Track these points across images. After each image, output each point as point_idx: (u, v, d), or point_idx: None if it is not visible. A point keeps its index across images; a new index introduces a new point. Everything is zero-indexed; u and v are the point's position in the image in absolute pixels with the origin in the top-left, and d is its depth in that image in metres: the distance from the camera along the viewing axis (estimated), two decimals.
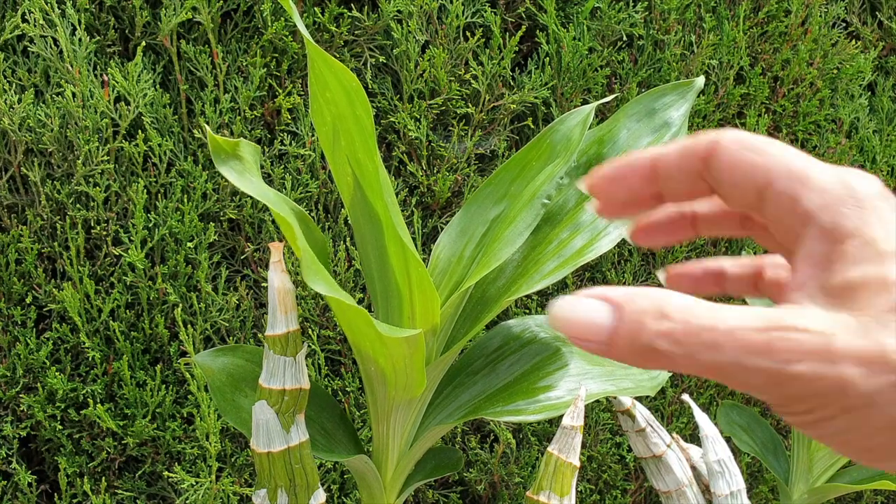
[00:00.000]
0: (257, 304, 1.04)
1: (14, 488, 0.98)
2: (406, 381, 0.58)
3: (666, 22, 1.18)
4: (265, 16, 0.98)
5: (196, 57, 0.98)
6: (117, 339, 0.97)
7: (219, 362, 0.65)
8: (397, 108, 1.07)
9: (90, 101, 0.93)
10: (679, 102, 0.67)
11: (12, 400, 0.97)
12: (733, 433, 1.06)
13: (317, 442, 0.64)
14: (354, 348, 0.60)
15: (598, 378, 0.67)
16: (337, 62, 0.50)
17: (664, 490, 0.80)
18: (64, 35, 0.92)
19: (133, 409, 0.98)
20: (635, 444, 0.79)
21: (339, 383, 1.06)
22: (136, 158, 0.97)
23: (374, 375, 0.59)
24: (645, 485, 1.29)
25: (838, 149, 1.34)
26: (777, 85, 1.31)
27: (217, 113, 0.99)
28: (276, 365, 0.57)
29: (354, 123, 0.53)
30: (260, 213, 1.02)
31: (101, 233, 0.97)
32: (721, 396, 1.33)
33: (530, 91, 1.10)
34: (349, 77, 0.51)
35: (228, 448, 1.02)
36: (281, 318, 0.56)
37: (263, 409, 0.57)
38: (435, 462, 0.70)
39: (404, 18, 1.05)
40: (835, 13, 1.32)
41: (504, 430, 1.14)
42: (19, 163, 0.96)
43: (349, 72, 0.51)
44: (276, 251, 0.57)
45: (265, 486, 0.59)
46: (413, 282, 0.57)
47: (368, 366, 0.59)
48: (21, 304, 0.97)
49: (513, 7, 1.13)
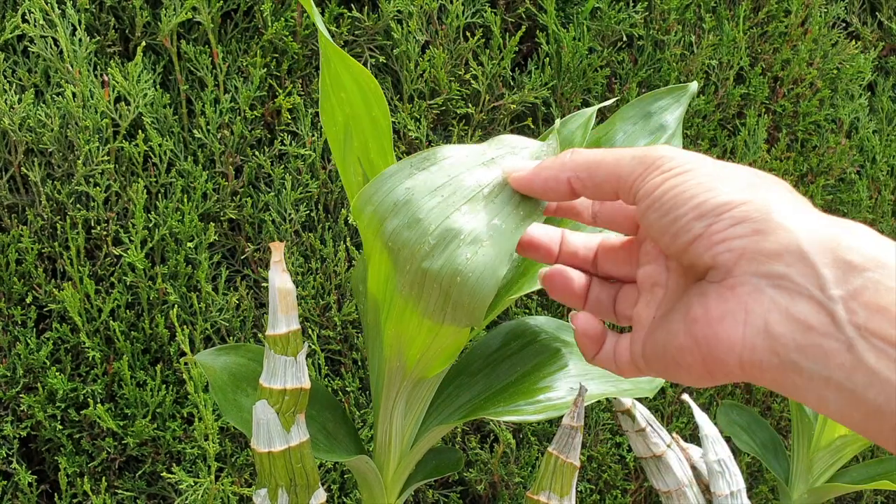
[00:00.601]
0: (257, 304, 1.04)
1: (14, 488, 0.98)
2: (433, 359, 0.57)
3: (666, 22, 1.18)
4: (265, 16, 0.98)
5: (196, 57, 0.98)
6: (117, 339, 0.97)
7: (220, 361, 0.65)
8: (397, 109, 1.07)
9: (90, 101, 0.93)
10: (674, 106, 0.67)
11: (12, 400, 0.97)
12: (733, 433, 1.06)
13: (318, 442, 0.64)
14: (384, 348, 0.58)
15: (597, 379, 0.67)
16: (356, 63, 0.50)
17: (664, 490, 0.80)
18: (64, 35, 0.92)
19: (133, 409, 0.98)
20: (635, 443, 0.79)
21: (339, 383, 1.06)
22: (136, 158, 0.97)
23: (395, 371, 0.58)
24: (645, 485, 1.29)
25: (838, 149, 1.34)
26: (777, 85, 1.31)
27: (217, 113, 0.99)
28: (277, 364, 0.57)
29: (370, 124, 0.52)
30: (260, 213, 1.02)
31: (102, 233, 0.97)
32: (721, 396, 1.33)
33: (530, 91, 1.10)
34: (368, 78, 0.51)
35: (228, 448, 1.02)
36: (282, 318, 0.56)
37: (264, 409, 0.57)
38: (435, 462, 0.70)
39: (404, 19, 1.05)
40: (835, 13, 1.32)
41: (504, 430, 1.14)
42: (19, 163, 0.96)
43: (368, 73, 0.50)
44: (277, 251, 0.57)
45: (266, 485, 0.59)
46: None
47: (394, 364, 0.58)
48: (21, 304, 0.97)
49: (513, 7, 1.13)
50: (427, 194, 0.43)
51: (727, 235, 0.34)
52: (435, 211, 0.42)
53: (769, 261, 0.32)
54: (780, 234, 0.33)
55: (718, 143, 1.26)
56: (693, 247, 0.35)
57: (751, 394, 1.37)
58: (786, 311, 0.32)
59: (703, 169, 0.36)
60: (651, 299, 0.40)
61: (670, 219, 0.35)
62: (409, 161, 0.44)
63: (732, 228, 0.33)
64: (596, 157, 0.39)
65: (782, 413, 1.39)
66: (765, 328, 0.32)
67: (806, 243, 0.32)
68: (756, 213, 0.33)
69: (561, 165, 0.40)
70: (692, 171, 0.36)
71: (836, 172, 1.35)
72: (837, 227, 0.33)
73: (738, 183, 0.35)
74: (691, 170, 0.36)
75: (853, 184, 1.37)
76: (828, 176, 1.35)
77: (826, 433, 0.98)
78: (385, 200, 0.43)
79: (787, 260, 0.32)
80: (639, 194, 0.37)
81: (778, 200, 0.34)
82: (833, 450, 0.98)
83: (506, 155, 0.44)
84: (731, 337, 0.33)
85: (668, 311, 0.38)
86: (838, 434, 0.97)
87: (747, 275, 0.33)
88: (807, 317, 0.31)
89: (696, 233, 0.34)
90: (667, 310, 0.38)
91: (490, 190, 0.42)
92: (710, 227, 0.34)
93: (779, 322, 0.32)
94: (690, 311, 0.35)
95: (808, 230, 0.32)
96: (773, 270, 0.32)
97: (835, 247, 0.32)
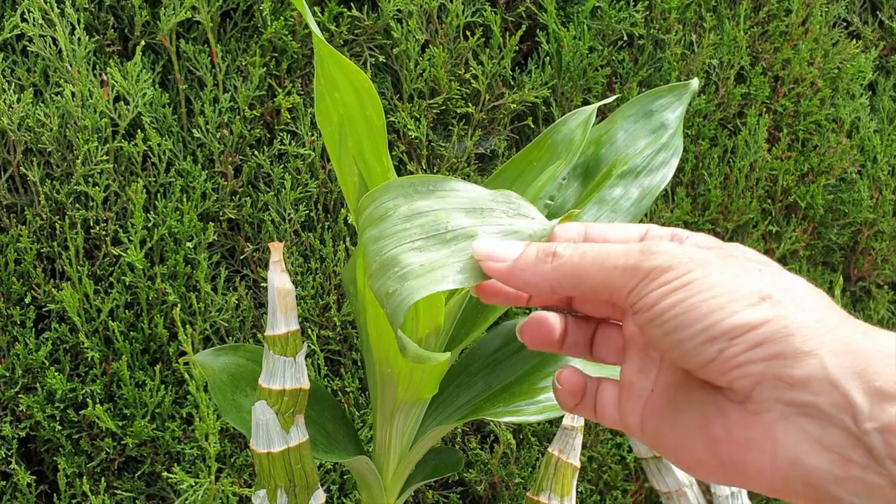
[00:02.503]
0: (257, 304, 1.04)
1: (13, 489, 0.98)
2: (419, 385, 0.58)
3: (666, 21, 1.18)
4: (265, 15, 0.98)
5: (195, 56, 0.98)
6: (116, 339, 0.96)
7: (219, 361, 0.64)
8: (397, 108, 1.07)
9: (89, 100, 0.93)
10: (675, 104, 0.67)
11: (11, 400, 0.97)
12: None
13: (317, 442, 0.64)
14: (373, 350, 0.59)
15: None
16: (349, 62, 0.50)
17: (665, 490, 0.79)
18: (63, 34, 0.91)
19: (132, 409, 0.98)
20: (636, 444, 0.79)
21: (338, 383, 1.06)
22: (135, 158, 0.97)
23: (388, 378, 0.59)
24: (645, 485, 1.29)
25: (839, 148, 1.34)
26: (778, 84, 1.31)
27: (216, 112, 0.98)
28: (276, 365, 0.56)
29: (364, 124, 0.52)
30: (259, 212, 1.02)
31: (101, 232, 0.96)
32: None
33: (530, 90, 1.10)
34: (361, 78, 0.50)
35: (228, 448, 1.02)
36: (281, 318, 0.56)
37: (263, 410, 0.57)
38: (435, 463, 0.70)
39: (404, 18, 1.05)
40: (835, 13, 1.32)
41: (504, 431, 1.14)
42: (18, 162, 0.96)
43: (361, 72, 0.50)
44: (276, 251, 0.57)
45: (265, 486, 0.58)
46: None
47: (384, 368, 0.59)
48: (20, 304, 0.96)
49: (513, 6, 1.13)
50: (402, 218, 0.42)
51: (743, 360, 0.31)
52: (395, 237, 0.41)
53: (795, 389, 0.30)
54: (805, 360, 0.30)
55: (719, 142, 1.26)
56: (705, 369, 0.32)
57: None
58: (818, 443, 0.30)
59: (707, 279, 0.32)
60: (644, 366, 0.37)
61: (676, 339, 0.32)
62: (416, 180, 0.43)
63: (749, 353, 0.31)
64: (581, 269, 0.35)
65: None
66: (797, 459, 0.31)
67: (833, 369, 0.30)
68: (774, 336, 0.31)
69: (542, 276, 0.36)
70: (693, 283, 0.32)
71: (837, 172, 1.35)
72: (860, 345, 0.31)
73: (749, 297, 0.32)
74: (692, 282, 0.32)
75: (854, 183, 1.37)
76: (829, 175, 1.35)
77: None
78: (375, 209, 0.43)
79: (815, 388, 0.30)
80: (636, 307, 0.34)
81: (795, 317, 0.31)
82: None
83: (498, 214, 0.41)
84: (760, 466, 0.31)
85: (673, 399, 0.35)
86: None
87: (771, 401, 0.31)
88: (843, 449, 0.30)
89: (707, 357, 0.32)
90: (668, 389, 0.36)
91: (453, 236, 0.41)
92: (724, 353, 0.31)
93: (811, 454, 0.30)
94: (710, 428, 0.33)
95: (832, 352, 0.30)
96: (799, 399, 0.30)
97: (862, 371, 0.30)
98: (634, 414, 0.37)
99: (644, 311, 0.33)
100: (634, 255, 0.34)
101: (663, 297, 0.32)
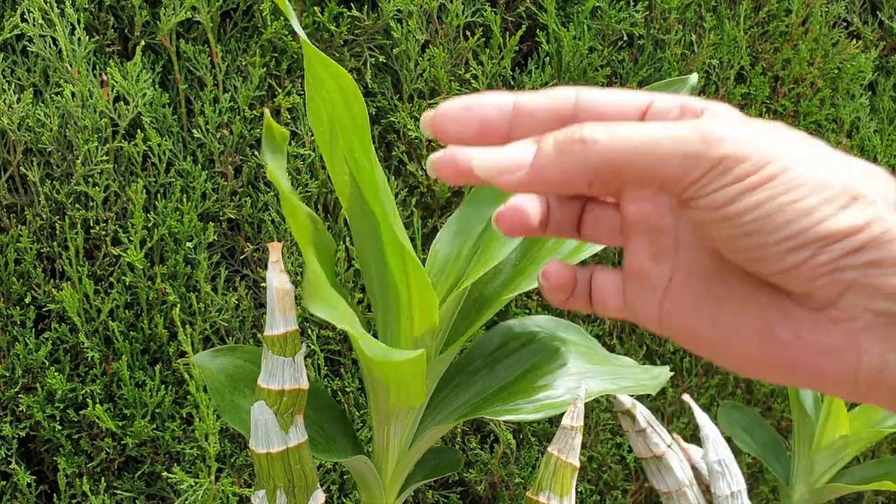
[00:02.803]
0: (256, 305, 1.04)
1: (13, 489, 0.98)
2: (407, 391, 0.58)
3: (666, 21, 1.18)
4: (264, 15, 0.98)
5: (195, 56, 0.98)
6: (116, 339, 0.96)
7: (217, 363, 0.64)
8: (397, 108, 1.07)
9: (89, 100, 0.93)
10: None
11: (11, 400, 0.97)
12: (734, 433, 1.06)
13: (316, 442, 0.64)
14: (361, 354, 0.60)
15: (598, 377, 0.67)
16: (333, 63, 0.50)
17: (665, 490, 0.79)
18: (63, 34, 0.91)
19: (132, 409, 0.98)
20: (636, 444, 0.79)
21: (338, 383, 1.06)
22: (135, 158, 0.97)
23: (377, 381, 0.59)
24: (645, 485, 1.29)
25: (839, 148, 1.34)
26: (778, 84, 1.31)
27: (216, 112, 0.99)
28: (275, 365, 0.56)
29: (351, 122, 0.53)
30: (259, 212, 1.02)
31: (101, 233, 0.96)
32: (721, 396, 1.33)
33: (530, 90, 1.10)
34: (345, 78, 0.51)
35: (228, 448, 1.02)
36: (280, 319, 0.56)
37: (262, 410, 0.57)
38: (435, 462, 0.70)
39: (404, 18, 1.05)
40: (835, 13, 1.32)
41: (504, 431, 1.14)
42: (18, 162, 0.96)
43: (345, 72, 0.51)
44: (275, 251, 0.57)
45: (264, 486, 0.58)
46: (411, 282, 0.57)
47: (373, 373, 0.59)
48: (20, 304, 0.96)
49: (513, 6, 1.13)
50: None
51: (836, 267, 0.28)
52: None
53: (889, 299, 0.28)
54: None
55: None
56: (785, 275, 0.29)
57: (752, 394, 1.37)
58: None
59: (791, 173, 0.28)
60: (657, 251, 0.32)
61: (754, 243, 0.29)
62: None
63: (844, 259, 0.28)
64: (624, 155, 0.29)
65: (783, 413, 1.38)
66: (884, 367, 0.29)
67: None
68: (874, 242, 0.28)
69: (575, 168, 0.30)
70: (777, 177, 0.28)
71: None
72: None
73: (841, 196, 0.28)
74: (775, 176, 0.28)
75: None
76: None
77: (827, 433, 0.98)
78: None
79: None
80: (700, 202, 0.29)
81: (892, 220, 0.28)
82: (834, 450, 0.98)
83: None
84: (841, 373, 0.30)
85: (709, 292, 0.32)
86: (839, 434, 0.97)
87: (859, 309, 0.29)
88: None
89: (792, 263, 0.28)
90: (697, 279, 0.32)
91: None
92: (814, 259, 0.28)
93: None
94: (774, 332, 0.30)
95: None
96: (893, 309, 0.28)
97: None
98: (649, 306, 0.33)
99: (712, 208, 0.29)
100: (695, 141, 0.29)
101: (741, 194, 0.28)
